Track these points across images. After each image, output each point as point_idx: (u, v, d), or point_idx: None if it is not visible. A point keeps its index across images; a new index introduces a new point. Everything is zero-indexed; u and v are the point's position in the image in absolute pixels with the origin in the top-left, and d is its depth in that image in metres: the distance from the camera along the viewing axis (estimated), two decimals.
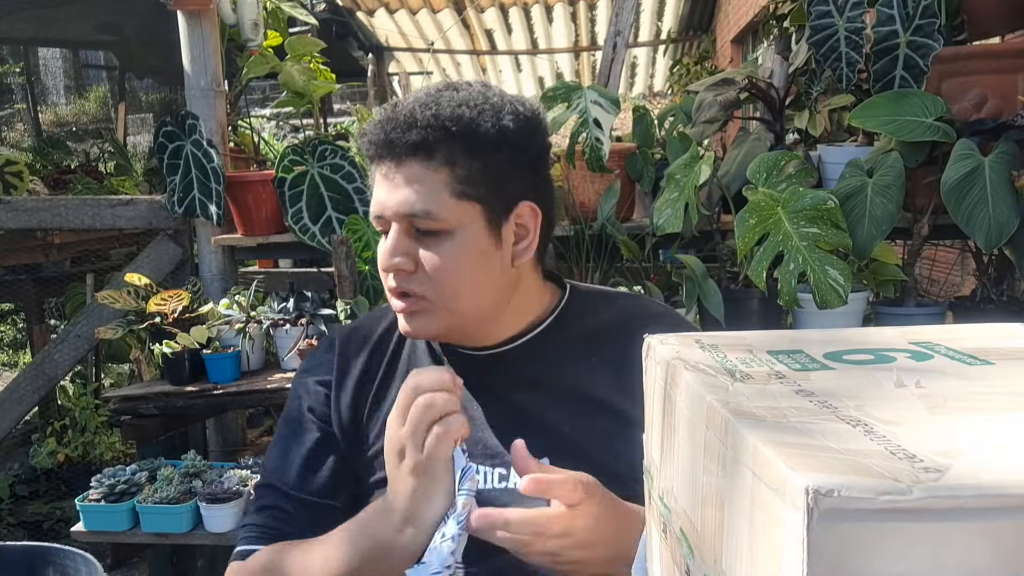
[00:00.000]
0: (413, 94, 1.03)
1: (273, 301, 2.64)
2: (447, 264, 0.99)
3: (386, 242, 1.00)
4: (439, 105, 0.98)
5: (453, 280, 1.00)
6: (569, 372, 1.07)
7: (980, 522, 0.35)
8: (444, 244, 0.99)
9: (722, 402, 0.47)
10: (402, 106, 1.00)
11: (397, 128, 0.97)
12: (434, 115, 0.97)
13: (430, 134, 0.97)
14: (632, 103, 6.83)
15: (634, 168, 2.44)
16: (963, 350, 0.56)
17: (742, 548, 0.43)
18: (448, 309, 1.01)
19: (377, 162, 1.00)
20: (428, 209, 0.97)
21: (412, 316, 1.02)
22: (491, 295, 1.04)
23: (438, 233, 0.99)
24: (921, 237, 2.11)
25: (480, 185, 0.99)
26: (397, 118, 0.98)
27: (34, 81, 7.07)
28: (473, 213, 0.99)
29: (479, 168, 0.98)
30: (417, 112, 0.98)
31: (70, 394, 3.68)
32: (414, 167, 0.98)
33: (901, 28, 2.09)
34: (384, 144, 0.98)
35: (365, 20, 7.51)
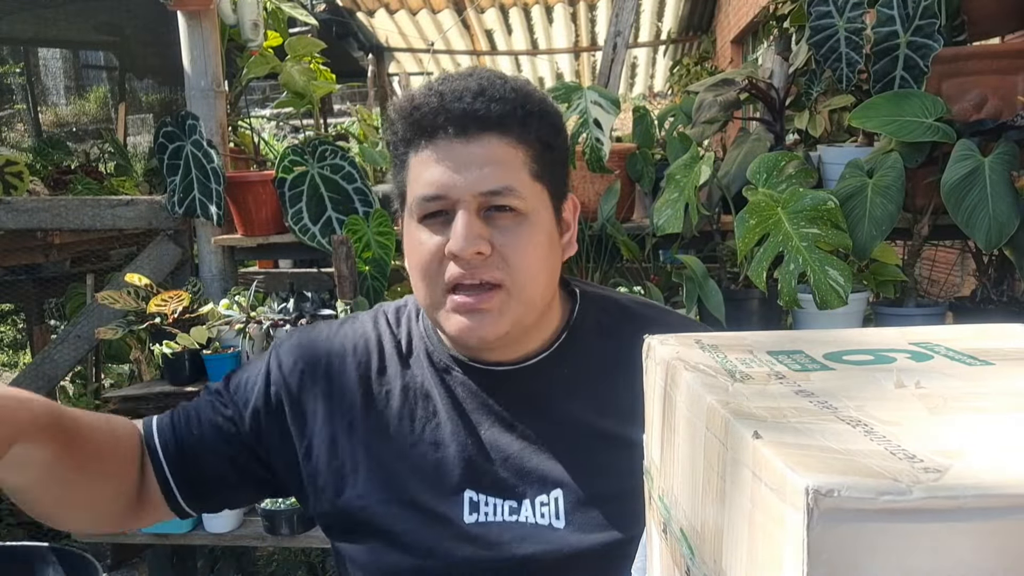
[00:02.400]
0: (453, 74, 0.95)
1: (273, 301, 2.65)
2: (526, 247, 0.91)
3: (460, 224, 0.89)
4: (510, 82, 0.93)
5: (530, 265, 0.92)
6: (581, 399, 0.99)
7: (980, 522, 0.35)
8: (522, 226, 0.91)
9: (722, 402, 0.47)
10: (462, 80, 0.92)
11: (478, 99, 0.89)
12: (514, 88, 0.92)
13: (514, 109, 0.90)
14: (632, 103, 6.84)
15: (634, 168, 2.44)
16: (963, 350, 0.56)
17: (742, 548, 0.43)
18: (522, 300, 0.93)
19: (431, 138, 0.91)
20: (511, 186, 0.90)
21: (484, 314, 0.91)
22: (551, 289, 0.97)
23: (516, 213, 0.91)
24: (921, 237, 2.11)
25: (549, 168, 0.94)
26: (470, 88, 0.90)
27: (34, 81, 7.07)
28: (544, 197, 0.94)
29: (549, 150, 0.94)
30: (488, 85, 0.91)
31: (70, 394, 3.67)
32: (492, 142, 0.90)
33: (901, 28, 2.09)
34: (458, 116, 0.89)
35: (365, 20, 7.51)
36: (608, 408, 0.98)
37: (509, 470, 0.96)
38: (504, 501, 0.95)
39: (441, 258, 0.91)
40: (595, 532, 0.93)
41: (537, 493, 0.95)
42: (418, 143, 0.92)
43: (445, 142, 0.90)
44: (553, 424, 0.97)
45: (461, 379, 0.99)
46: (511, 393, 0.99)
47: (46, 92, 7.55)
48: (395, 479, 0.96)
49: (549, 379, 0.99)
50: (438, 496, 0.95)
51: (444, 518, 0.94)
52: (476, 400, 0.99)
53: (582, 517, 0.93)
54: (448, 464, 0.96)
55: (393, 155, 0.98)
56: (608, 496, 0.93)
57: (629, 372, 0.96)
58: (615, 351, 1.00)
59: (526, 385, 0.99)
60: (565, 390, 0.99)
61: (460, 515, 0.94)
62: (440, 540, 0.94)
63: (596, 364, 1.00)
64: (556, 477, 0.95)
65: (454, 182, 0.89)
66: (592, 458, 0.95)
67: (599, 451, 0.96)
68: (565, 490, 0.94)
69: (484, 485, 0.95)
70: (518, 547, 0.93)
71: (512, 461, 0.96)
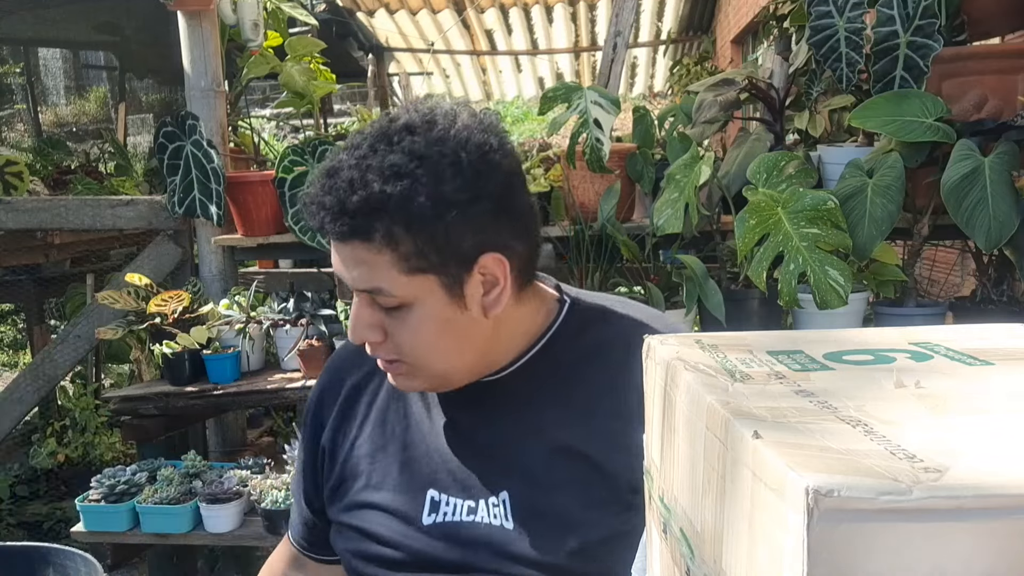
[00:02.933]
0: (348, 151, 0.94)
1: (273, 301, 2.65)
2: (412, 337, 0.95)
3: (352, 312, 0.99)
4: (366, 182, 0.90)
5: (423, 350, 0.96)
6: (544, 410, 1.01)
7: (980, 522, 0.35)
8: (407, 317, 0.95)
9: (722, 402, 0.47)
10: (335, 180, 0.92)
11: (326, 216, 0.91)
12: (363, 199, 0.89)
13: (362, 221, 0.90)
14: (632, 103, 6.84)
15: (634, 168, 2.44)
16: (963, 351, 0.56)
17: (742, 548, 0.43)
18: (426, 374, 0.99)
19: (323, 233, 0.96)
20: (379, 287, 0.93)
21: (395, 376, 1.01)
22: (467, 353, 0.99)
23: (399, 307, 0.94)
24: (921, 237, 2.11)
25: (429, 256, 0.91)
26: (324, 203, 0.92)
27: (34, 81, 7.07)
28: (428, 285, 0.93)
29: (424, 240, 0.91)
30: (345, 196, 0.90)
31: (70, 394, 3.68)
32: (357, 248, 0.92)
33: (901, 28, 2.09)
34: (320, 229, 0.94)
35: (365, 21, 7.51)
36: (571, 420, 1.00)
37: (469, 470, 1.02)
38: (463, 501, 1.01)
39: None
40: (539, 536, 0.97)
41: (490, 494, 1.00)
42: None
43: (331, 241, 0.95)
44: (512, 432, 1.02)
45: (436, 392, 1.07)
46: (478, 400, 1.04)
47: (46, 92, 7.55)
48: (367, 480, 1.07)
49: (515, 390, 1.03)
50: (403, 495, 1.03)
51: (407, 517, 1.02)
52: (447, 404, 1.06)
53: (527, 521, 0.98)
54: (414, 464, 1.04)
55: None
56: (554, 504, 0.97)
57: (598, 385, 1.01)
58: (591, 363, 1.03)
59: (493, 394, 1.04)
60: (527, 401, 1.03)
61: (420, 515, 1.02)
62: (400, 536, 1.02)
63: (569, 374, 1.03)
64: (506, 480, 1.00)
65: (343, 275, 0.96)
66: (544, 466, 0.99)
67: (552, 461, 0.99)
68: (512, 493, 0.99)
69: (445, 485, 1.02)
70: (472, 547, 0.99)
71: (471, 462, 1.02)
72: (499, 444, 1.02)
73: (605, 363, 1.01)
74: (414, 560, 1.01)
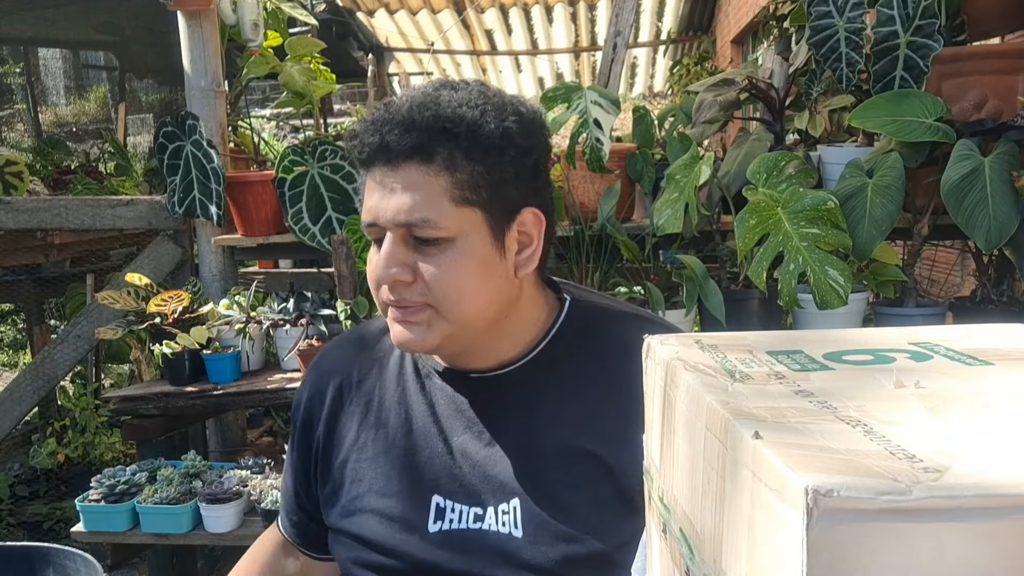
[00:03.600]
0: (407, 93, 0.95)
1: (273, 301, 2.65)
2: (448, 274, 0.92)
3: (380, 252, 0.93)
4: (438, 105, 0.91)
5: (455, 290, 0.92)
6: (553, 409, 0.99)
7: (980, 522, 0.35)
8: (445, 253, 0.92)
9: (722, 402, 0.47)
10: (396, 106, 0.92)
11: (393, 130, 0.90)
12: (433, 116, 0.90)
13: (430, 136, 0.90)
14: (632, 103, 6.83)
15: (634, 168, 2.44)
16: (963, 351, 0.56)
17: (742, 548, 0.43)
18: (448, 320, 0.94)
19: (369, 166, 0.93)
20: (427, 217, 0.90)
21: (410, 326, 0.94)
22: (493, 308, 0.96)
23: (438, 241, 0.92)
24: (921, 237, 2.11)
25: (482, 190, 0.92)
26: (393, 119, 0.91)
27: (34, 81, 7.06)
28: (475, 220, 0.92)
29: (481, 172, 0.91)
30: (415, 112, 0.90)
31: (70, 394, 3.68)
32: (412, 172, 0.90)
33: (901, 28, 2.09)
34: (378, 147, 0.91)
35: (365, 20, 7.52)
36: (578, 421, 0.98)
37: (476, 476, 0.98)
38: (470, 508, 0.97)
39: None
40: (550, 544, 0.94)
41: (499, 501, 0.97)
42: (365, 166, 0.95)
43: (377, 170, 0.92)
44: (521, 432, 0.99)
45: (440, 385, 1.03)
46: (485, 400, 1.01)
47: (46, 92, 7.55)
48: (370, 486, 1.02)
49: (520, 388, 1.00)
50: (406, 501, 0.99)
51: (411, 525, 0.98)
52: (451, 406, 1.02)
53: (538, 528, 0.94)
54: (418, 469, 1.00)
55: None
56: (566, 510, 0.94)
57: (602, 383, 0.99)
58: (594, 363, 1.01)
59: (500, 392, 1.01)
60: (537, 399, 1.00)
61: (426, 522, 0.98)
62: (406, 545, 0.98)
63: (573, 374, 1.01)
64: (516, 486, 0.96)
65: (381, 210, 0.92)
66: (554, 470, 0.96)
67: (562, 464, 0.97)
68: (523, 500, 0.96)
69: (451, 491, 0.98)
70: (478, 555, 0.95)
71: (479, 468, 0.98)
72: (507, 447, 0.98)
73: (607, 361, 1.00)
74: (415, 570, 0.97)
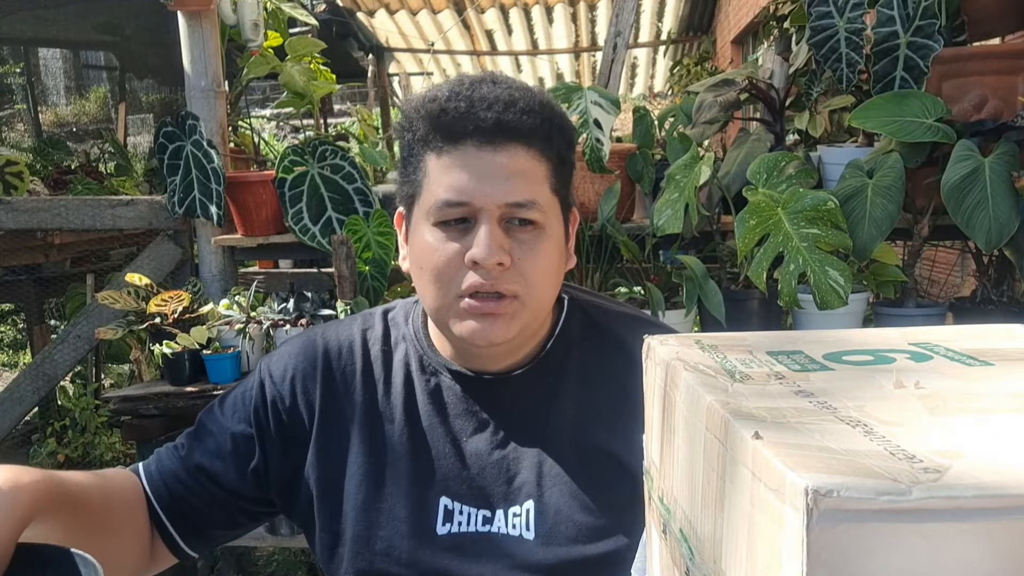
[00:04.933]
0: (479, 79, 0.93)
1: (273, 302, 2.64)
2: (539, 260, 0.91)
3: (484, 233, 0.89)
4: (537, 94, 0.92)
5: (542, 278, 0.92)
6: (563, 409, 0.98)
7: (980, 522, 0.35)
8: (539, 239, 0.91)
9: (721, 402, 0.47)
10: (490, 87, 0.91)
11: (509, 110, 0.89)
12: (548, 103, 0.92)
13: (542, 122, 0.90)
14: (632, 104, 6.83)
15: (634, 169, 2.44)
16: (962, 351, 0.56)
17: (741, 549, 0.43)
18: (532, 309, 0.93)
19: (452, 143, 0.90)
20: (534, 199, 0.90)
21: (498, 320, 0.91)
22: (555, 298, 0.98)
23: (535, 226, 0.91)
24: (921, 238, 2.11)
25: (564, 182, 0.95)
26: (501, 97, 0.89)
27: (34, 81, 7.07)
28: (558, 210, 0.94)
29: (564, 163, 0.94)
30: (520, 96, 0.91)
31: (70, 394, 3.68)
32: (518, 154, 0.90)
33: (901, 29, 2.09)
34: (488, 124, 0.88)
35: (365, 21, 7.51)
36: (588, 419, 0.98)
37: (486, 479, 0.96)
38: (478, 510, 0.95)
39: (459, 264, 0.90)
40: (564, 545, 0.92)
41: (511, 504, 0.95)
42: (440, 146, 0.91)
43: (471, 149, 0.89)
44: (533, 434, 0.97)
45: (448, 384, 1.00)
46: (495, 401, 0.99)
47: (46, 92, 7.55)
48: (373, 487, 0.97)
49: (534, 388, 0.99)
50: (413, 503, 0.96)
51: (418, 527, 0.95)
52: (461, 406, 0.99)
53: (552, 530, 0.93)
54: (425, 472, 0.97)
55: (406, 152, 0.96)
56: (584, 510, 0.93)
57: (610, 382, 0.98)
58: (599, 362, 1.01)
59: (511, 394, 0.99)
60: (548, 400, 0.99)
61: (433, 525, 0.95)
62: (414, 550, 0.94)
63: (582, 373, 1.00)
64: (531, 488, 0.95)
65: (479, 190, 0.89)
66: (572, 471, 0.95)
67: (580, 464, 0.96)
68: (537, 502, 0.94)
69: (459, 493, 0.96)
70: (487, 559, 0.93)
71: (489, 470, 0.96)
72: (522, 448, 0.97)
73: (611, 360, 1.00)
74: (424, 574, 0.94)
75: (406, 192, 0.97)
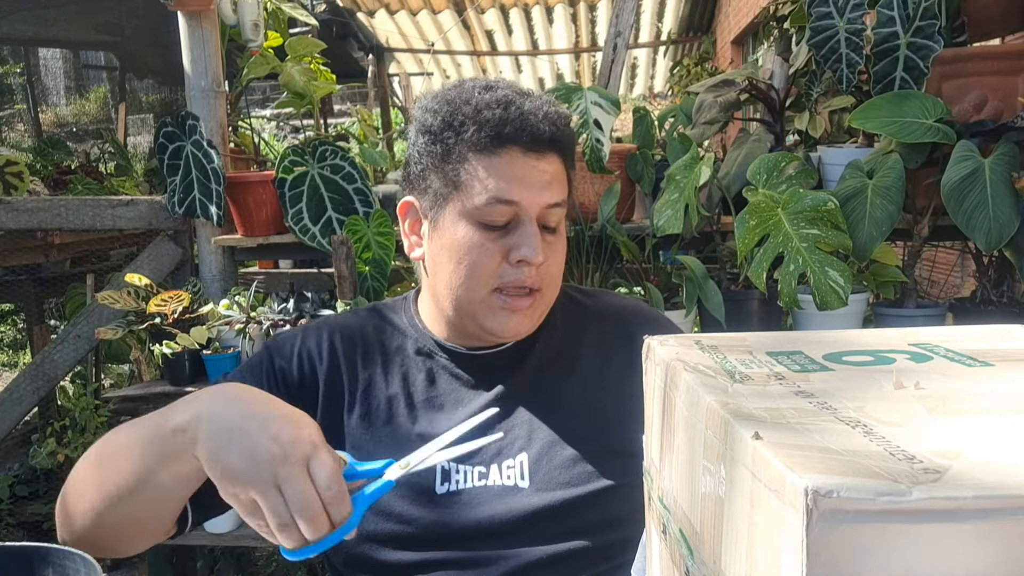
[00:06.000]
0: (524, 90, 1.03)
1: (273, 302, 2.64)
2: (560, 258, 1.05)
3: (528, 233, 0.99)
4: (559, 106, 1.04)
5: (559, 275, 1.05)
6: (549, 373, 1.09)
7: (979, 523, 0.35)
8: (559, 240, 1.04)
9: (721, 403, 0.47)
10: (530, 98, 1.01)
11: (552, 121, 1.00)
12: (567, 116, 1.03)
13: (570, 135, 1.04)
14: (632, 104, 6.83)
15: (634, 169, 2.44)
16: (962, 352, 0.56)
17: (741, 549, 0.43)
18: (548, 302, 1.06)
19: (500, 146, 0.99)
20: (563, 201, 1.02)
21: (524, 315, 1.03)
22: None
23: (555, 229, 1.03)
24: (921, 238, 2.11)
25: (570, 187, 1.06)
26: (542, 108, 1.00)
27: (34, 81, 7.07)
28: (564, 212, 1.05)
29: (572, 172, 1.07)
30: (555, 109, 1.02)
31: (70, 394, 3.67)
32: (555, 161, 1.02)
33: (901, 29, 2.09)
34: (537, 133, 0.99)
35: (365, 21, 7.51)
36: (573, 378, 1.08)
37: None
38: (474, 467, 1.03)
39: (499, 261, 1.00)
40: (556, 490, 1.00)
41: (504, 458, 1.03)
42: (490, 149, 0.99)
43: (518, 154, 0.99)
44: (523, 398, 1.07)
45: (443, 363, 1.09)
46: (488, 372, 1.08)
47: (46, 92, 7.55)
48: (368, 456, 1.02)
49: (523, 358, 1.09)
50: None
51: (418, 489, 1.01)
52: (457, 381, 1.08)
53: (545, 477, 1.01)
54: (423, 438, 1.02)
55: (442, 150, 1.02)
56: (570, 457, 1.02)
57: (592, 344, 1.11)
58: (579, 326, 1.13)
59: (502, 365, 1.08)
60: (536, 366, 1.09)
61: (432, 486, 1.02)
62: (414, 509, 1.01)
63: (562, 341, 1.11)
64: (522, 443, 1.03)
65: (527, 193, 0.99)
66: (557, 424, 1.04)
67: (563, 419, 1.05)
68: (530, 453, 1.02)
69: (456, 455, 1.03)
70: (484, 508, 1.00)
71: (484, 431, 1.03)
72: (512, 410, 1.05)
73: (600, 323, 1.13)
74: (425, 531, 1.00)
75: (437, 188, 1.03)
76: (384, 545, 1.01)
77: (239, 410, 0.79)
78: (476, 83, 1.04)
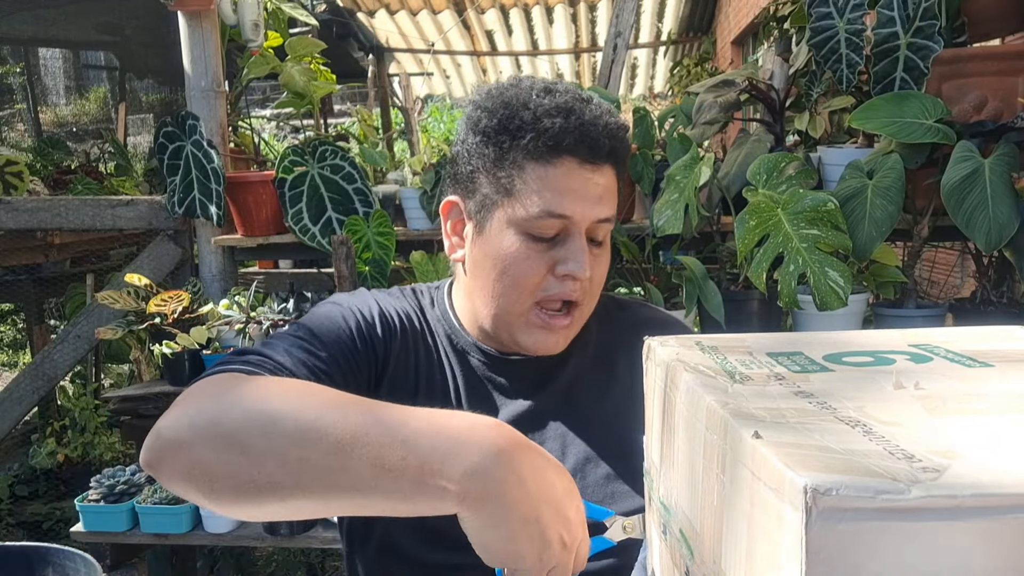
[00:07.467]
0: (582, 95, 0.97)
1: (273, 302, 2.65)
2: (603, 272, 1.01)
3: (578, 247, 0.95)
4: (616, 115, 0.98)
5: (600, 287, 1.01)
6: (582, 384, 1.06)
7: (978, 522, 0.35)
8: (604, 254, 1.00)
9: (721, 403, 0.47)
10: (590, 106, 0.96)
11: (610, 132, 0.95)
12: (624, 127, 0.98)
13: (627, 147, 0.99)
14: (632, 104, 6.83)
15: (634, 169, 2.44)
16: (962, 352, 0.56)
17: (741, 548, 0.43)
18: (585, 315, 1.02)
19: (558, 155, 0.94)
20: (612, 215, 0.98)
21: (561, 333, 0.99)
22: None
23: (602, 242, 0.99)
24: (921, 239, 2.11)
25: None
26: (602, 119, 0.95)
27: (34, 81, 7.06)
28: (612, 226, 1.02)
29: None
30: (613, 120, 0.96)
31: (70, 394, 3.67)
32: (609, 174, 0.97)
33: (901, 30, 2.09)
34: (596, 144, 0.94)
35: (365, 21, 7.51)
36: (608, 394, 1.05)
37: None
38: None
39: (544, 273, 0.96)
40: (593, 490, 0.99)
41: None
42: (547, 158, 0.95)
43: (574, 165, 0.94)
44: (556, 411, 1.04)
45: (477, 363, 1.05)
46: (520, 377, 1.05)
47: (46, 92, 7.55)
48: None
49: (557, 370, 1.06)
50: None
51: None
52: (490, 383, 1.05)
53: (580, 483, 0.98)
54: None
55: (495, 154, 0.97)
56: (604, 475, 1.00)
57: (626, 353, 1.06)
58: (613, 337, 1.09)
59: (534, 371, 1.05)
60: (569, 374, 1.06)
61: None
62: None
63: (596, 350, 1.08)
64: (554, 446, 1.01)
65: (580, 207, 0.95)
66: (591, 441, 1.02)
67: (597, 435, 1.03)
68: (562, 458, 1.00)
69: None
70: None
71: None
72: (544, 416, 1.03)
73: (626, 334, 1.08)
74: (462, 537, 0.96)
75: (487, 192, 0.98)
76: (418, 541, 0.98)
77: (532, 489, 0.69)
78: (535, 84, 0.98)
